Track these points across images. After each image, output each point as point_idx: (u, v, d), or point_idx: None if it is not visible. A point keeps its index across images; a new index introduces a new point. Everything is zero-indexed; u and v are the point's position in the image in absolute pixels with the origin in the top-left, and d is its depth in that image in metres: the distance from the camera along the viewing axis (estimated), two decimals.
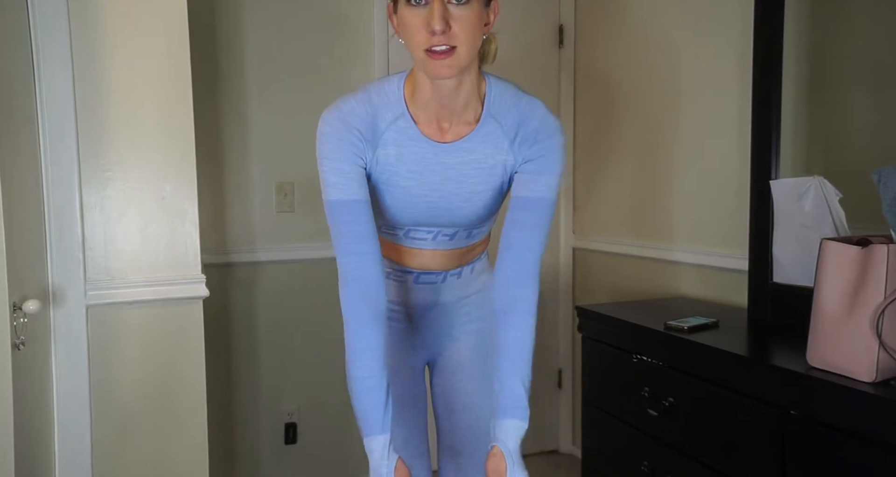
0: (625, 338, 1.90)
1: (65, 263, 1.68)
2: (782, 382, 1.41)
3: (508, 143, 1.26)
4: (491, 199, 1.33)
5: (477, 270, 1.50)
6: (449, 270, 1.45)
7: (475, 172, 1.27)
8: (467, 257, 1.46)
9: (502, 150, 1.27)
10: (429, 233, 1.36)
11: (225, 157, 2.54)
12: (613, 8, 2.71)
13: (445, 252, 1.41)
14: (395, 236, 1.40)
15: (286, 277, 2.61)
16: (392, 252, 1.43)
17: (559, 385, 3.09)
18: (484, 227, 1.42)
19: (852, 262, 1.32)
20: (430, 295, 1.47)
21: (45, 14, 1.62)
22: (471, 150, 1.26)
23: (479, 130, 1.26)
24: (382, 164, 1.25)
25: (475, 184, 1.29)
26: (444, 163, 1.26)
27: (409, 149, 1.25)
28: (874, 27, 1.72)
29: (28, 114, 1.60)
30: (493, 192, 1.31)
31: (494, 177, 1.29)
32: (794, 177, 1.80)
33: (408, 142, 1.25)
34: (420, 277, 1.44)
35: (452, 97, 1.21)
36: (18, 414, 1.36)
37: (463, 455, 1.50)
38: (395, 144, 1.25)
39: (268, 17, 2.56)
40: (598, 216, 2.87)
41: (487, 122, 1.26)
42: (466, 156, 1.26)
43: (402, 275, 1.45)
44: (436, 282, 1.45)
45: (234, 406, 2.59)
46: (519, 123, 1.26)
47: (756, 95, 1.89)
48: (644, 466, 1.80)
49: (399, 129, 1.24)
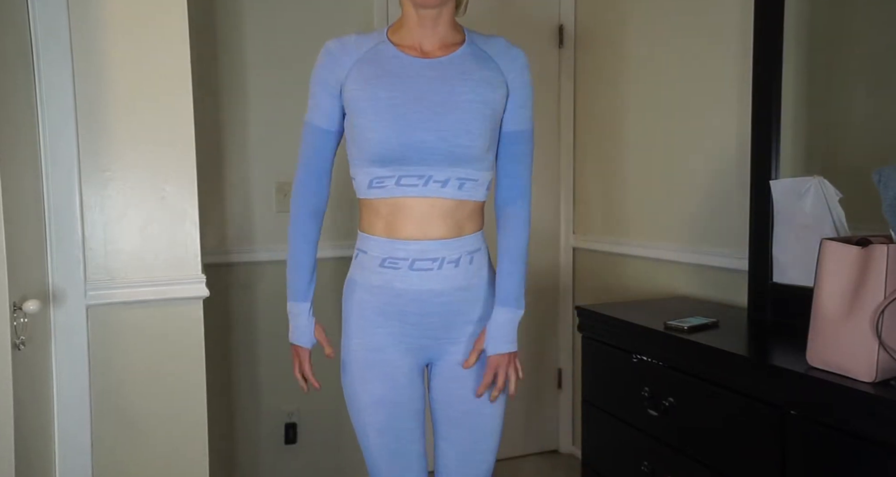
0: (625, 338, 1.90)
1: (65, 263, 1.68)
2: (782, 382, 1.41)
3: (495, 65, 1.42)
4: (481, 116, 1.36)
5: (476, 263, 1.45)
6: (445, 257, 1.40)
7: (463, 81, 1.37)
8: (463, 227, 1.41)
9: (493, 69, 1.41)
10: (420, 178, 1.36)
11: (225, 157, 2.54)
12: (613, 8, 2.71)
13: (436, 203, 1.37)
14: (386, 188, 1.37)
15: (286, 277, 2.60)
16: (384, 223, 1.40)
17: (559, 385, 3.09)
18: (475, 169, 1.38)
19: (852, 262, 1.32)
20: (425, 284, 1.41)
21: (45, 14, 1.62)
22: (458, 64, 1.39)
23: (465, 50, 1.41)
24: (360, 82, 1.37)
25: (462, 92, 1.36)
26: (428, 75, 1.37)
27: (389, 65, 1.38)
28: (874, 26, 1.72)
29: (28, 114, 1.60)
30: (484, 106, 1.37)
31: (484, 88, 1.38)
32: (794, 177, 1.80)
33: (388, 59, 1.38)
34: (415, 263, 1.39)
35: (434, 26, 1.38)
36: (18, 414, 1.36)
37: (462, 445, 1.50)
38: (373, 63, 1.38)
39: (268, 17, 2.56)
40: (597, 216, 2.87)
41: (471, 46, 1.42)
42: (453, 68, 1.38)
43: (395, 262, 1.40)
44: (431, 269, 1.40)
45: (234, 406, 2.59)
46: (499, 53, 1.43)
47: (756, 95, 1.89)
48: (644, 466, 1.80)
49: (378, 51, 1.40)
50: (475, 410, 1.49)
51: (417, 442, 1.49)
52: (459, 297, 1.45)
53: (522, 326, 3.23)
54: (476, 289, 1.47)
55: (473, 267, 1.45)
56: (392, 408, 1.46)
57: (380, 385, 1.45)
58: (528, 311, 2.96)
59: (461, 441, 1.50)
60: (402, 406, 1.46)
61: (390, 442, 1.46)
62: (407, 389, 1.47)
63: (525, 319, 2.98)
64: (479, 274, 1.47)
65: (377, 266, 1.43)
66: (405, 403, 1.46)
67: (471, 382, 1.48)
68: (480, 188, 1.43)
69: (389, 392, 1.45)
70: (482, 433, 1.50)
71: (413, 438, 1.48)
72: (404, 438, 1.47)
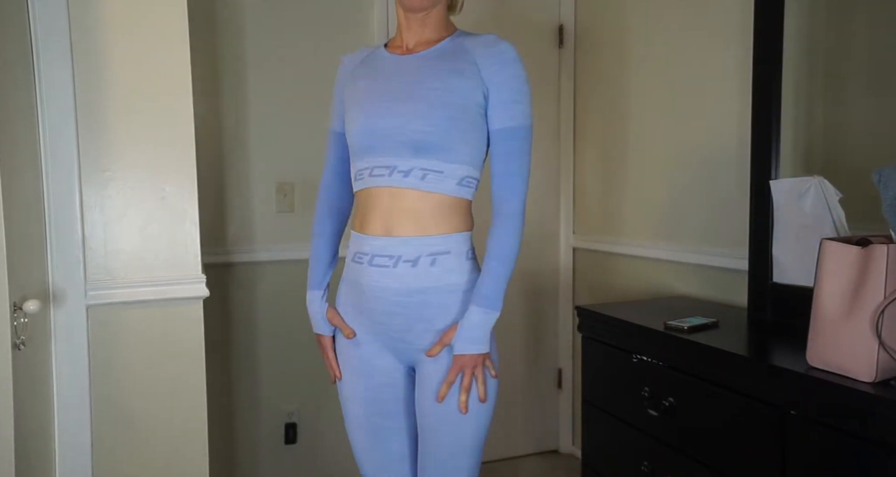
0: (625, 338, 1.90)
1: (65, 263, 1.68)
2: (782, 382, 1.41)
3: (472, 58, 1.38)
4: (441, 103, 1.34)
5: (440, 267, 1.38)
6: (402, 255, 1.36)
7: (430, 71, 1.39)
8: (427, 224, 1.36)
9: (466, 61, 1.38)
10: (386, 169, 1.37)
11: (225, 157, 2.54)
12: (613, 8, 2.71)
13: (398, 193, 1.36)
14: (362, 180, 1.42)
15: (286, 277, 2.61)
16: (360, 216, 1.44)
17: (559, 385, 3.09)
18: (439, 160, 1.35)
19: (852, 262, 1.32)
20: (381, 281, 1.38)
21: (45, 14, 1.62)
22: (432, 57, 1.41)
23: (444, 44, 1.43)
24: (350, 81, 1.49)
25: (427, 81, 1.37)
26: (402, 69, 1.42)
27: (376, 65, 1.47)
28: (874, 27, 1.72)
29: (28, 114, 1.60)
30: (446, 93, 1.35)
31: (450, 76, 1.36)
32: (794, 177, 1.80)
33: (377, 61, 1.48)
34: (374, 258, 1.38)
35: (421, 27, 1.43)
36: (18, 414, 1.36)
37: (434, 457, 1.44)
38: (365, 65, 1.49)
39: (268, 17, 2.56)
40: (597, 216, 2.87)
41: (453, 41, 1.43)
42: (425, 61, 1.41)
43: (360, 257, 1.41)
44: (387, 266, 1.37)
45: (234, 406, 2.59)
46: (478, 47, 1.39)
47: (756, 95, 1.89)
48: (644, 466, 1.80)
49: (374, 56, 1.50)
50: (450, 423, 1.40)
51: (397, 443, 1.48)
52: (419, 300, 1.38)
53: (523, 325, 3.24)
54: (435, 294, 1.38)
55: (436, 270, 1.37)
56: (368, 405, 1.48)
57: (357, 381, 1.48)
58: (528, 311, 2.99)
59: (435, 453, 1.43)
60: (379, 404, 1.47)
61: (367, 438, 1.49)
62: (386, 389, 1.47)
63: (525, 319, 3.01)
64: (444, 279, 1.38)
65: (350, 261, 1.47)
66: (382, 402, 1.47)
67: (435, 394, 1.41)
68: (447, 182, 1.36)
69: (365, 389, 1.48)
70: (456, 448, 1.41)
71: (392, 438, 1.48)
72: (381, 437, 1.48)
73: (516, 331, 2.99)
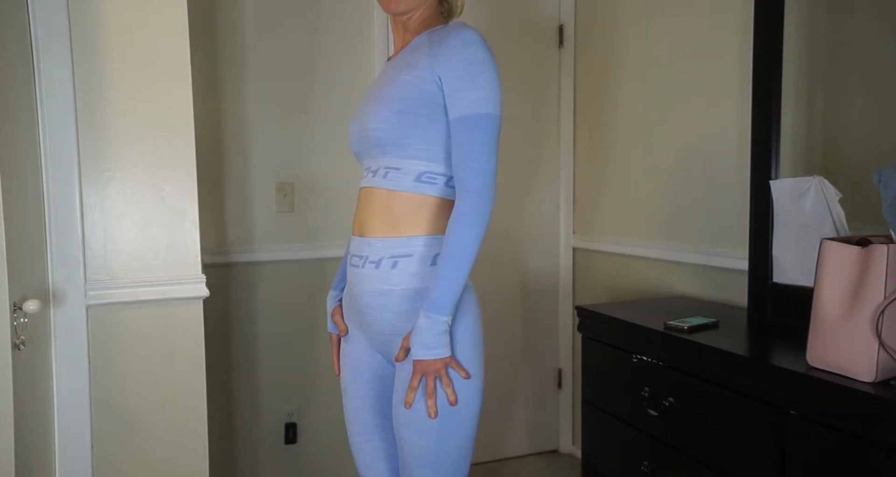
0: (625, 338, 1.90)
1: (65, 263, 1.68)
2: (782, 382, 1.41)
3: (427, 50, 1.34)
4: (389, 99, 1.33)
5: (400, 270, 1.34)
6: (369, 256, 1.36)
7: (393, 73, 1.38)
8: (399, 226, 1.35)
9: (422, 54, 1.34)
10: (367, 170, 1.43)
11: (225, 157, 2.54)
12: (613, 8, 2.71)
13: (371, 193, 1.38)
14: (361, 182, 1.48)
15: (286, 277, 2.61)
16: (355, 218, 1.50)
17: (559, 385, 3.09)
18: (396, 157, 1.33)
19: (852, 262, 1.32)
20: (354, 280, 1.42)
21: (45, 14, 1.62)
22: (401, 58, 1.41)
23: (411, 45, 1.42)
24: None
25: (387, 80, 1.38)
26: (385, 71, 1.44)
27: None
28: (874, 27, 1.72)
29: (28, 114, 1.60)
30: (394, 89, 1.34)
31: (402, 72, 1.35)
32: (794, 177, 1.80)
33: None
34: (352, 258, 1.44)
35: (404, 30, 1.44)
36: (18, 414, 1.35)
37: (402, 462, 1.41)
38: None
39: (268, 17, 2.56)
40: (597, 216, 2.87)
41: (423, 37, 1.40)
42: (397, 62, 1.41)
43: (347, 257, 1.52)
44: (357, 266, 1.40)
45: (234, 406, 2.59)
46: (439, 37, 1.34)
47: (756, 95, 1.89)
48: (644, 466, 1.80)
49: None
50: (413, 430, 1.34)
51: (381, 440, 1.49)
52: (381, 303, 1.36)
53: (523, 326, 3.24)
54: (397, 300, 1.35)
55: (396, 272, 1.34)
56: (360, 399, 1.51)
57: (350, 375, 1.52)
58: (528, 311, 2.99)
59: (404, 461, 1.39)
60: (364, 399, 1.50)
61: (359, 433, 1.52)
62: (375, 386, 1.50)
63: (525, 319, 3.01)
64: (403, 283, 1.34)
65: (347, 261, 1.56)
66: (367, 397, 1.49)
67: (398, 400, 1.37)
68: (405, 179, 1.34)
69: (352, 383, 1.52)
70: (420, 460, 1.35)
71: (374, 435, 1.49)
72: (365, 433, 1.50)
73: (516, 331, 2.99)
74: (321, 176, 2.64)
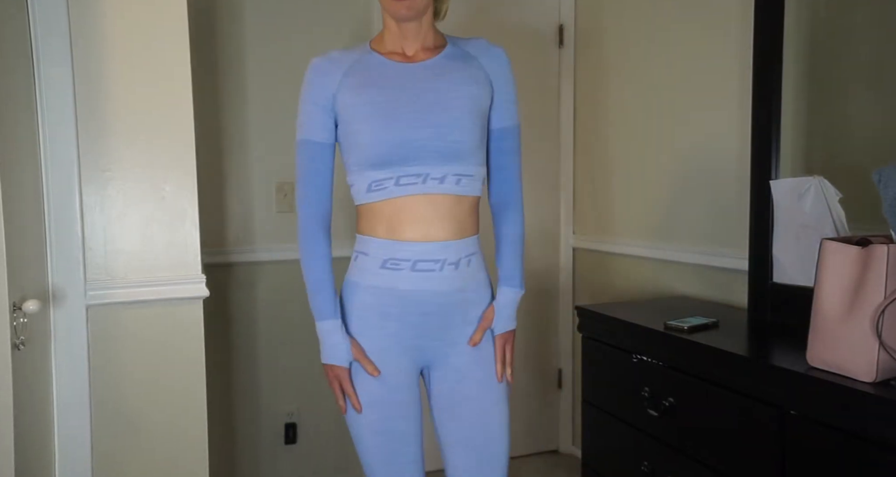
0: (625, 338, 1.90)
1: (65, 263, 1.68)
2: (782, 382, 1.41)
3: (479, 64, 1.47)
4: (469, 111, 1.41)
5: (474, 266, 1.48)
6: (447, 259, 1.42)
7: (450, 80, 1.43)
8: (464, 227, 1.44)
9: (476, 67, 1.47)
10: (418, 177, 1.39)
11: (225, 157, 2.54)
12: (613, 8, 2.71)
13: (435, 200, 1.40)
14: (385, 190, 1.39)
15: (286, 277, 2.61)
16: (386, 224, 1.41)
17: (559, 385, 3.09)
18: (469, 164, 1.42)
19: (852, 262, 1.32)
20: (427, 285, 1.42)
21: (45, 14, 1.62)
22: (443, 65, 1.44)
23: (448, 51, 1.47)
24: (352, 90, 1.41)
25: (451, 90, 1.42)
26: (417, 77, 1.42)
27: (376, 72, 1.43)
28: (874, 27, 1.72)
29: (28, 114, 1.60)
30: (472, 102, 1.42)
31: (470, 85, 1.43)
32: (794, 177, 1.80)
33: (375, 67, 1.44)
34: (417, 264, 1.41)
35: (416, 34, 1.44)
36: (18, 414, 1.35)
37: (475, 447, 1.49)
38: (361, 72, 1.43)
39: (268, 18, 2.56)
40: (598, 216, 2.87)
41: (454, 47, 1.48)
42: (439, 69, 1.44)
43: (397, 263, 1.41)
44: (433, 270, 1.41)
45: (234, 406, 2.59)
46: (480, 52, 1.49)
47: (756, 95, 1.89)
48: (644, 466, 1.80)
49: (364, 61, 1.44)
50: (485, 411, 1.49)
51: (413, 444, 1.49)
52: (458, 298, 1.46)
53: (522, 326, 3.24)
54: (472, 291, 1.49)
55: (471, 269, 1.47)
56: (388, 409, 1.46)
57: (377, 385, 1.45)
58: (528, 311, 2.99)
59: (474, 445, 1.48)
60: (398, 407, 1.46)
61: (385, 443, 1.46)
62: (404, 391, 1.47)
63: (525, 319, 3.01)
64: (476, 277, 1.49)
65: (378, 268, 1.43)
66: (401, 404, 1.47)
67: (475, 380, 1.49)
68: (476, 183, 1.45)
69: (386, 393, 1.45)
70: (494, 435, 1.50)
71: (408, 440, 1.48)
72: (399, 440, 1.47)
73: (516, 331, 2.99)
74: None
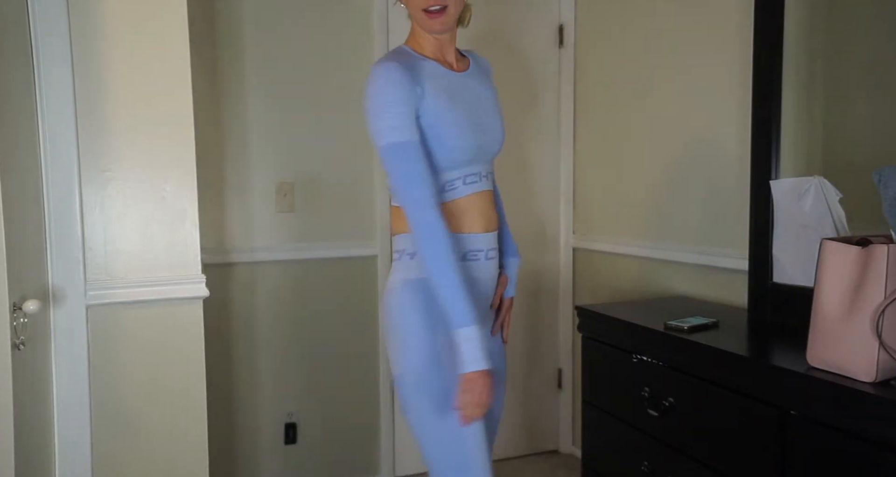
0: (625, 338, 1.90)
1: (65, 263, 1.68)
2: (782, 382, 1.41)
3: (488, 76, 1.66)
4: (501, 116, 1.61)
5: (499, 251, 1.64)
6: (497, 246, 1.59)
7: (487, 89, 1.60)
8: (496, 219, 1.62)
9: (489, 79, 1.65)
10: (476, 175, 1.53)
11: (225, 157, 2.54)
12: (613, 8, 2.71)
13: (488, 195, 1.56)
14: (456, 190, 1.49)
15: (286, 277, 2.61)
16: (458, 220, 1.49)
17: (559, 385, 3.09)
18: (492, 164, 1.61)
19: (852, 262, 1.32)
20: (493, 271, 1.58)
21: (45, 14, 1.62)
22: (477, 75, 1.60)
23: (473, 65, 1.61)
24: (434, 95, 1.45)
25: (489, 98, 1.59)
26: (468, 85, 1.54)
27: (443, 80, 1.50)
28: (874, 27, 1.72)
29: (28, 114, 1.60)
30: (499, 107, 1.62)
31: (494, 94, 1.62)
32: (794, 177, 1.80)
33: (441, 75, 1.50)
34: (489, 252, 1.54)
35: (450, 43, 1.55)
36: (18, 414, 1.36)
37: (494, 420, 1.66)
38: (433, 79, 1.47)
39: (268, 18, 2.56)
40: (597, 216, 2.87)
41: (473, 59, 1.63)
42: (477, 80, 1.58)
43: (475, 255, 1.53)
44: (494, 258, 1.57)
45: (234, 406, 2.59)
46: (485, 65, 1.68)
47: (756, 95, 1.89)
48: (644, 466, 1.80)
49: (427, 69, 1.48)
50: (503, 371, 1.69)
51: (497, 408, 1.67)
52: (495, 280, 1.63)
53: (523, 326, 3.24)
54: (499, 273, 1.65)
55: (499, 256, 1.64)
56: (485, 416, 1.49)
57: None
58: (528, 311, 2.99)
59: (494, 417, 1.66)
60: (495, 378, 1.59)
61: (481, 433, 1.45)
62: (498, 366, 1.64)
63: (525, 319, 3.01)
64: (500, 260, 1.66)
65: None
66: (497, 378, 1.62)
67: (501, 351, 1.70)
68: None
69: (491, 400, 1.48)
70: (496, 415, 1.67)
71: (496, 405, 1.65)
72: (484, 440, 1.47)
73: (516, 331, 2.99)
74: (321, 176, 2.65)
